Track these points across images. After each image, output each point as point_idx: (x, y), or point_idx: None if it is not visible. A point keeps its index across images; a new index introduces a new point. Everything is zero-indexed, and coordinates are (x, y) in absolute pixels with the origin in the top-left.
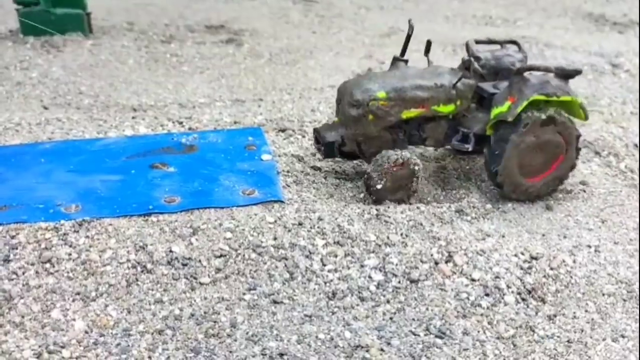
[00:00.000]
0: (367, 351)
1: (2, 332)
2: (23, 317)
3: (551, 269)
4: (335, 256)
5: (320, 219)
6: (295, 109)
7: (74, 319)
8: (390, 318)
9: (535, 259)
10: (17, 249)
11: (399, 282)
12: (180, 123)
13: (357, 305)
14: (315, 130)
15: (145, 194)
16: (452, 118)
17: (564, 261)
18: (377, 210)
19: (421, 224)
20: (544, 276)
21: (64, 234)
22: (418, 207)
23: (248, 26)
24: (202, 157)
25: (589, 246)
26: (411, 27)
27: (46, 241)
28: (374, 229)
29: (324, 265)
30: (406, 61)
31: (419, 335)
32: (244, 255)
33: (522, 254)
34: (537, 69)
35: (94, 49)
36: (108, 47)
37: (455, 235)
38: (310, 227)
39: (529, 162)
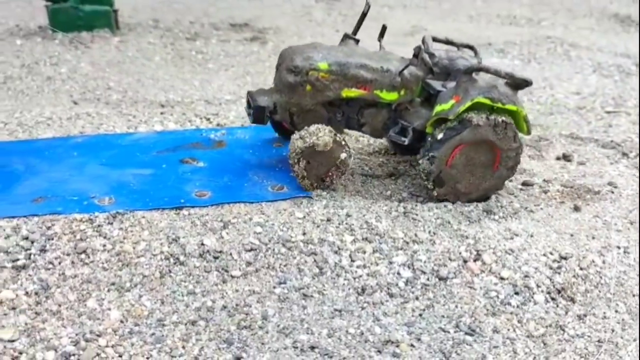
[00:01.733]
0: (397, 346)
1: (40, 320)
2: (60, 305)
3: (581, 269)
4: (364, 252)
5: (348, 215)
6: None
7: (109, 309)
8: (420, 314)
9: (565, 258)
10: (53, 239)
11: (428, 279)
12: (208, 119)
13: (387, 301)
14: (249, 93)
15: (176, 188)
16: (394, 109)
17: (593, 261)
18: (404, 207)
19: (449, 222)
20: (574, 276)
21: (98, 226)
22: (445, 206)
23: (272, 24)
24: (231, 152)
25: (618, 247)
26: (367, 6)
27: (81, 232)
28: (402, 226)
29: (353, 261)
30: (357, 40)
31: (448, 332)
32: (273, 250)
33: (551, 253)
34: (487, 70)
35: (121, 45)
36: (135, 44)
37: (483, 234)
38: (339, 223)
39: (462, 165)
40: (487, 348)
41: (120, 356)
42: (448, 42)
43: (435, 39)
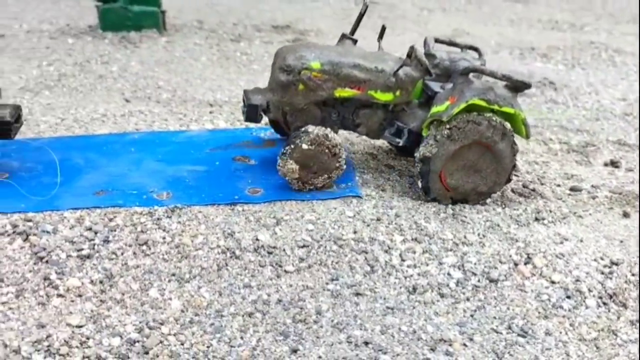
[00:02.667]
0: (450, 345)
1: (105, 308)
2: (123, 294)
3: (632, 275)
4: (414, 252)
5: (397, 215)
6: None
7: (170, 299)
8: (471, 315)
9: (616, 264)
10: (115, 231)
11: (478, 280)
12: None
13: (438, 301)
14: (244, 92)
15: (230, 185)
16: (391, 110)
17: None
18: (452, 209)
19: (498, 225)
20: (625, 282)
21: (158, 219)
22: (494, 209)
23: (312, 26)
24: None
25: None
26: (365, 6)
27: (141, 225)
28: (451, 227)
29: (403, 260)
30: (355, 40)
31: (501, 333)
32: (325, 247)
33: (602, 259)
34: (482, 71)
35: (168, 45)
36: (181, 45)
37: (533, 238)
38: (388, 223)
39: (458, 161)
40: (539, 350)
41: (182, 344)
42: (451, 43)
43: (438, 40)
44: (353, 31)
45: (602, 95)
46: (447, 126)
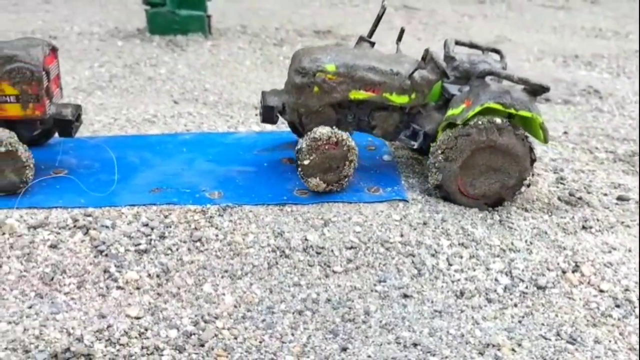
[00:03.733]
0: (498, 350)
1: (162, 301)
2: (179, 288)
3: None
4: (461, 257)
5: (443, 220)
6: None
7: (223, 294)
8: (519, 321)
9: None
10: (170, 227)
11: (526, 287)
12: None
13: (485, 305)
14: (262, 93)
15: (278, 186)
16: (407, 113)
17: None
18: (499, 215)
19: (545, 233)
20: None
21: (210, 217)
22: (541, 216)
23: (354, 31)
24: None
25: None
26: (383, 8)
27: (195, 222)
28: (498, 234)
29: (450, 264)
30: (372, 43)
31: (550, 340)
32: (372, 249)
33: None
34: (498, 75)
35: (214, 49)
36: (226, 48)
37: (581, 246)
38: (435, 227)
39: (472, 170)
40: (589, 357)
41: (236, 338)
42: (472, 45)
43: (458, 43)
44: (371, 33)
45: None
46: (462, 129)
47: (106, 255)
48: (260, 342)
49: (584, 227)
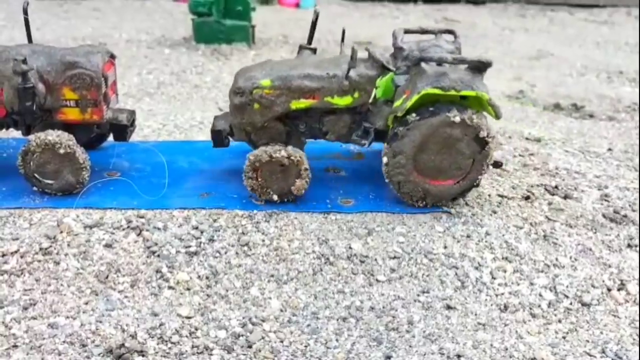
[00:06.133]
0: None
1: (211, 302)
2: (227, 290)
3: None
4: (504, 271)
5: (487, 233)
6: None
7: (270, 298)
8: (564, 337)
9: None
10: (219, 231)
11: (571, 303)
12: None
13: (529, 320)
14: (214, 118)
15: (323, 194)
16: (358, 112)
17: None
18: (543, 231)
19: (590, 250)
20: None
21: (257, 222)
22: (586, 233)
23: None
24: (369, 164)
25: None
26: (315, 13)
27: (242, 227)
28: (542, 249)
29: (494, 278)
30: (314, 50)
31: (594, 357)
32: (416, 260)
33: None
34: (431, 59)
35: (257, 58)
36: (269, 58)
37: (626, 265)
38: (478, 240)
39: (426, 163)
40: None
41: (282, 341)
42: (424, 31)
43: (408, 31)
44: (309, 40)
45: None
46: (407, 119)
47: (158, 255)
48: (306, 346)
49: (629, 245)
